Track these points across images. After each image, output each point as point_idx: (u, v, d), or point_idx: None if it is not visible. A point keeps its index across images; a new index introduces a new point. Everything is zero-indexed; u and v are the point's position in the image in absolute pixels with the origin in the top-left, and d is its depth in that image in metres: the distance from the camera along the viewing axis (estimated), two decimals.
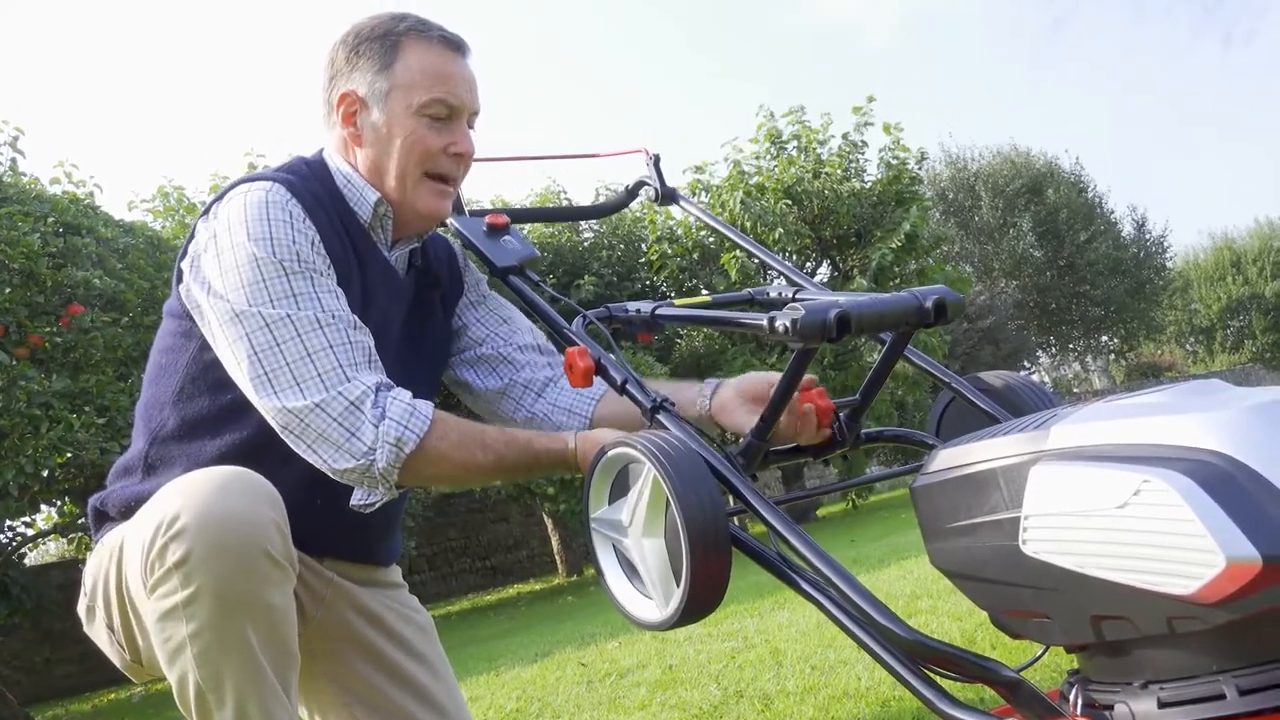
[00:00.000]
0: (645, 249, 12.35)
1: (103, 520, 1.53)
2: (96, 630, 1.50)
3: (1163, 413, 0.92)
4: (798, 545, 1.14)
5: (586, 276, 11.14)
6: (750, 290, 1.70)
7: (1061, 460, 0.93)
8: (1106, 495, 0.87)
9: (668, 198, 1.93)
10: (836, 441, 1.47)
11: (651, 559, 1.22)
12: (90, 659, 9.00)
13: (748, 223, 11.33)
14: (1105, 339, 28.88)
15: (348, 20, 1.58)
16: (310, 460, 1.36)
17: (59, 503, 7.78)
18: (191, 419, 1.49)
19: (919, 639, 1.03)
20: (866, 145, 12.45)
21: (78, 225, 6.97)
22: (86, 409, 6.29)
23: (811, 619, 3.63)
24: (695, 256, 12.28)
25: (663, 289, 12.39)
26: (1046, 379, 28.87)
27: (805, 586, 1.16)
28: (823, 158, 12.31)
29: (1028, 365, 23.52)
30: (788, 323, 1.15)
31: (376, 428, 1.34)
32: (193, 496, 1.25)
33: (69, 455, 6.23)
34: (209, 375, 1.47)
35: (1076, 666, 1.02)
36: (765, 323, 1.19)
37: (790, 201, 11.72)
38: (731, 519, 1.19)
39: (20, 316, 6.31)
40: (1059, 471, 0.92)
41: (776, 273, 1.76)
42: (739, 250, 10.82)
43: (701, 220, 1.94)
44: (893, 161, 12.39)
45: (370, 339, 1.43)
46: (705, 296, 1.72)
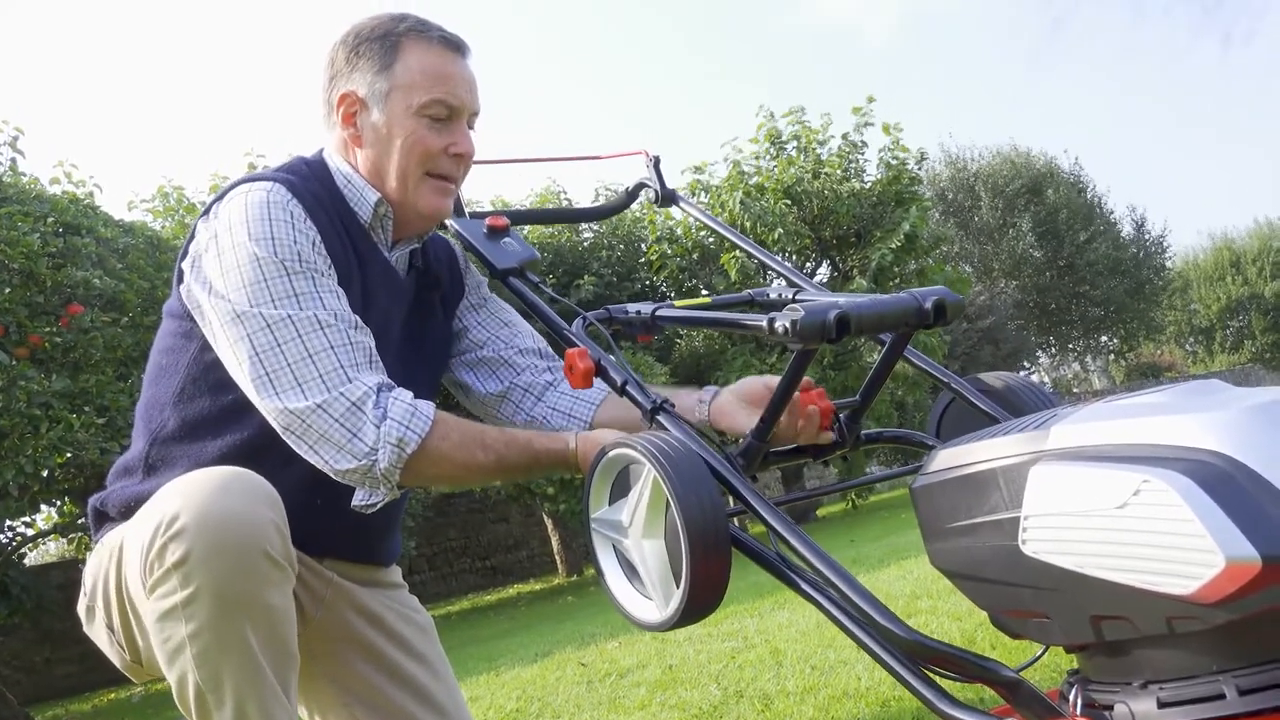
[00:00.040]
0: (645, 249, 12.35)
1: (103, 520, 1.53)
2: (96, 630, 1.50)
3: (1162, 413, 0.92)
4: (797, 546, 1.14)
5: (586, 276, 11.14)
6: (750, 291, 1.70)
7: (1061, 460, 0.93)
8: (1106, 495, 0.87)
9: (668, 199, 1.93)
10: (836, 442, 1.47)
11: (651, 560, 1.22)
12: (90, 659, 9.00)
13: (747, 223, 11.33)
14: (1105, 339, 28.89)
15: (348, 20, 1.58)
16: (312, 461, 1.37)
17: (59, 503, 7.79)
18: (192, 419, 1.49)
19: (919, 639, 1.03)
20: (866, 145, 12.45)
21: (78, 225, 6.97)
22: (86, 409, 6.30)
23: (811, 619, 3.63)
24: (695, 256, 12.28)
25: (663, 289, 12.39)
26: (1046, 379, 28.87)
27: (805, 587, 1.16)
28: (822, 158, 12.31)
29: (1027, 365, 23.52)
30: (787, 324, 1.15)
31: (378, 428, 1.34)
32: (192, 497, 1.25)
33: (69, 455, 6.23)
34: (210, 376, 1.47)
35: (1076, 666, 1.02)
36: (765, 324, 1.19)
37: (790, 202, 11.71)
38: (731, 520, 1.19)
39: (20, 316, 6.31)
40: (1059, 471, 0.92)
41: (776, 273, 1.76)
42: (739, 251, 10.82)
43: (701, 221, 1.95)
44: (892, 162, 12.38)
45: (371, 339, 1.43)
46: (705, 298, 1.72)
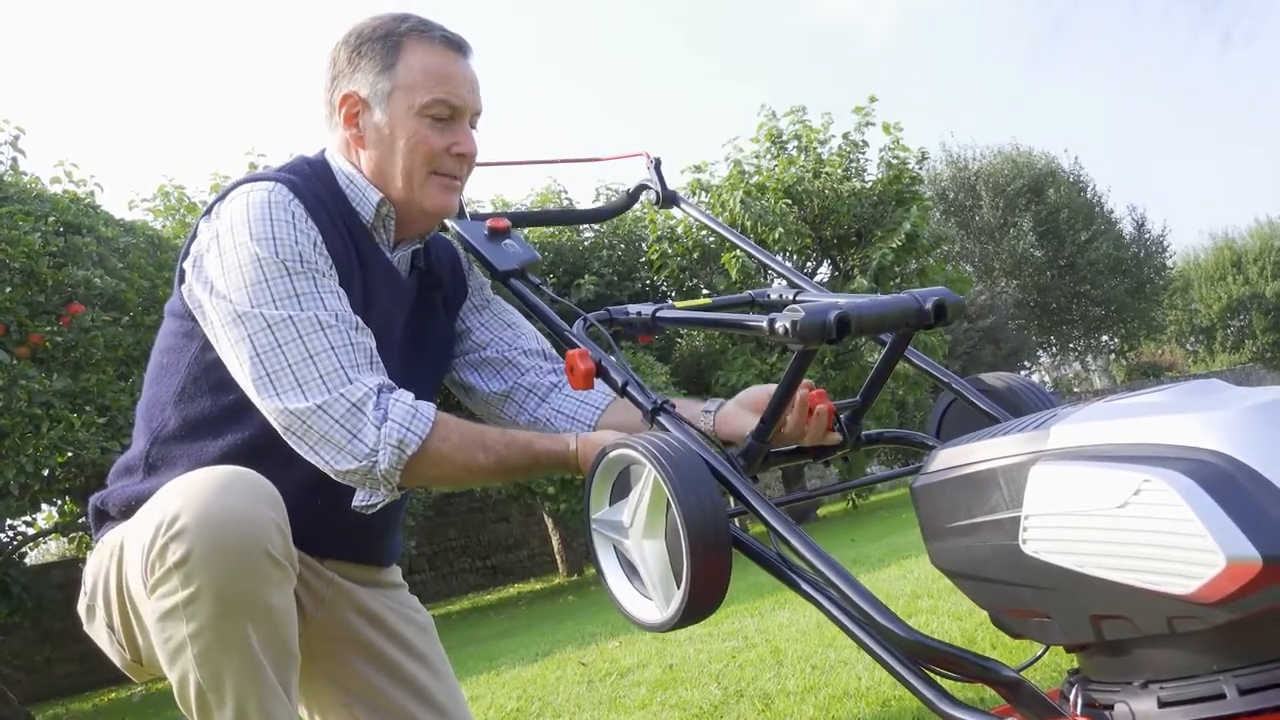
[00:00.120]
0: (645, 249, 12.34)
1: (103, 519, 1.53)
2: (96, 629, 1.50)
3: (1163, 412, 0.92)
4: (798, 546, 1.14)
5: (587, 276, 11.14)
6: (751, 292, 1.70)
7: (1062, 460, 0.93)
8: (1106, 495, 0.87)
9: (669, 200, 1.93)
10: (837, 443, 1.47)
11: (652, 560, 1.22)
12: (90, 658, 9.00)
13: (748, 222, 11.32)
14: (1105, 339, 28.89)
15: (349, 21, 1.58)
16: (312, 461, 1.37)
17: (59, 502, 7.78)
18: (193, 419, 1.49)
19: (919, 639, 1.03)
20: (867, 145, 12.44)
21: (78, 224, 6.96)
22: (87, 408, 6.29)
23: (812, 619, 3.63)
24: (695, 256, 12.27)
25: (663, 289, 12.38)
26: (1047, 379, 28.86)
27: (805, 587, 1.16)
28: (823, 157, 12.30)
29: (1028, 365, 23.50)
30: (788, 324, 1.15)
31: (379, 429, 1.34)
32: (193, 496, 1.25)
33: (69, 454, 6.23)
34: (211, 375, 1.47)
35: (1076, 666, 1.02)
36: (765, 324, 1.19)
37: (790, 201, 11.71)
38: (732, 520, 1.20)
39: (21, 316, 6.31)
40: (1059, 471, 0.92)
41: (776, 274, 1.76)
42: (739, 250, 10.81)
43: (702, 222, 1.95)
44: (893, 161, 12.37)
45: (372, 340, 1.43)
46: (705, 298, 1.72)
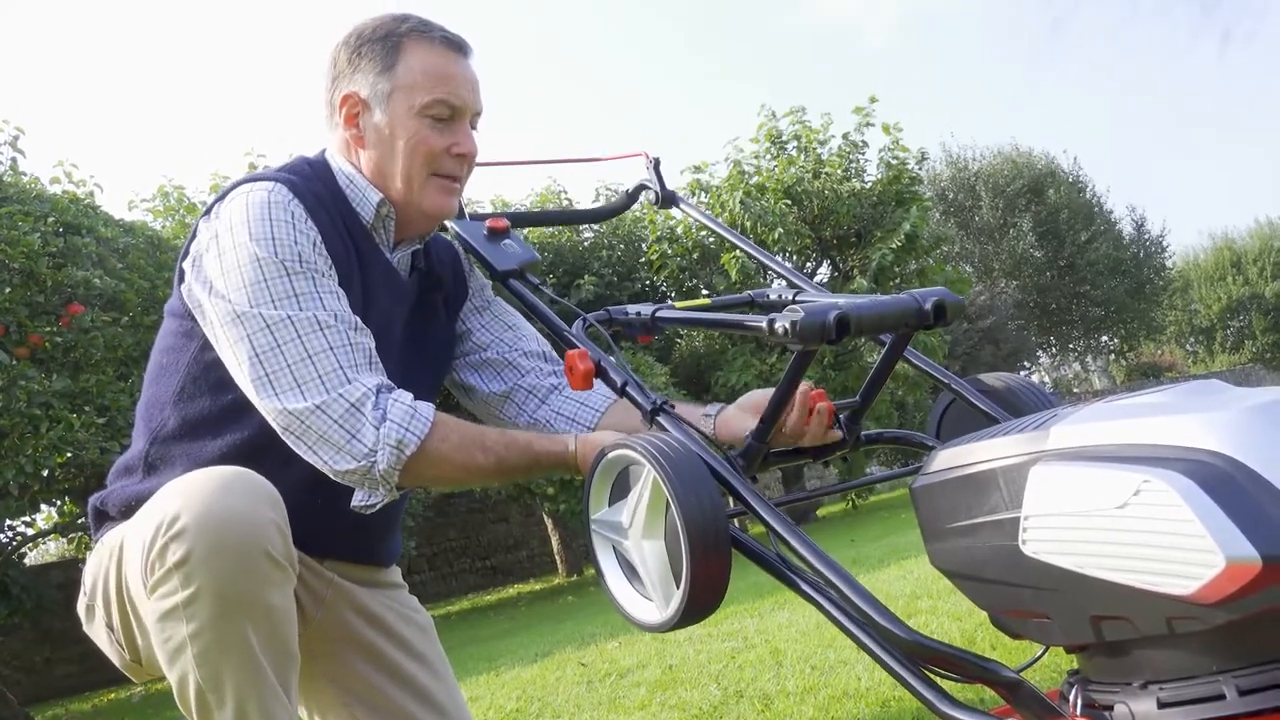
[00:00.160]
0: (645, 249, 12.34)
1: (103, 519, 1.53)
2: (96, 629, 1.50)
3: (1163, 413, 0.92)
4: (797, 546, 1.14)
5: (586, 276, 11.14)
6: (750, 292, 1.70)
7: (1061, 460, 0.93)
8: (1106, 495, 0.87)
9: (668, 200, 1.93)
10: (837, 443, 1.47)
11: (651, 561, 1.22)
12: (90, 659, 9.00)
13: (747, 222, 11.32)
14: (1105, 339, 28.89)
15: (349, 21, 1.58)
16: (311, 461, 1.37)
17: (59, 502, 7.78)
18: (192, 419, 1.49)
19: (919, 639, 1.03)
20: (867, 145, 12.44)
21: (78, 225, 6.96)
22: (86, 409, 6.29)
23: (811, 619, 3.63)
24: (695, 256, 12.27)
25: (663, 289, 12.38)
26: (1046, 379, 28.86)
27: (805, 587, 1.16)
28: (823, 158, 12.30)
29: (1027, 365, 23.51)
30: (787, 325, 1.15)
31: (377, 430, 1.34)
32: (193, 496, 1.25)
33: (69, 455, 6.23)
34: (210, 375, 1.47)
35: (1076, 667, 1.02)
36: (765, 325, 1.19)
37: (790, 201, 11.71)
38: (732, 520, 1.20)
39: (20, 316, 6.31)
40: (1059, 472, 0.92)
41: (776, 274, 1.76)
42: (739, 251, 10.82)
43: (702, 222, 1.95)
44: (893, 162, 12.38)
45: (371, 340, 1.43)
46: (705, 299, 1.72)
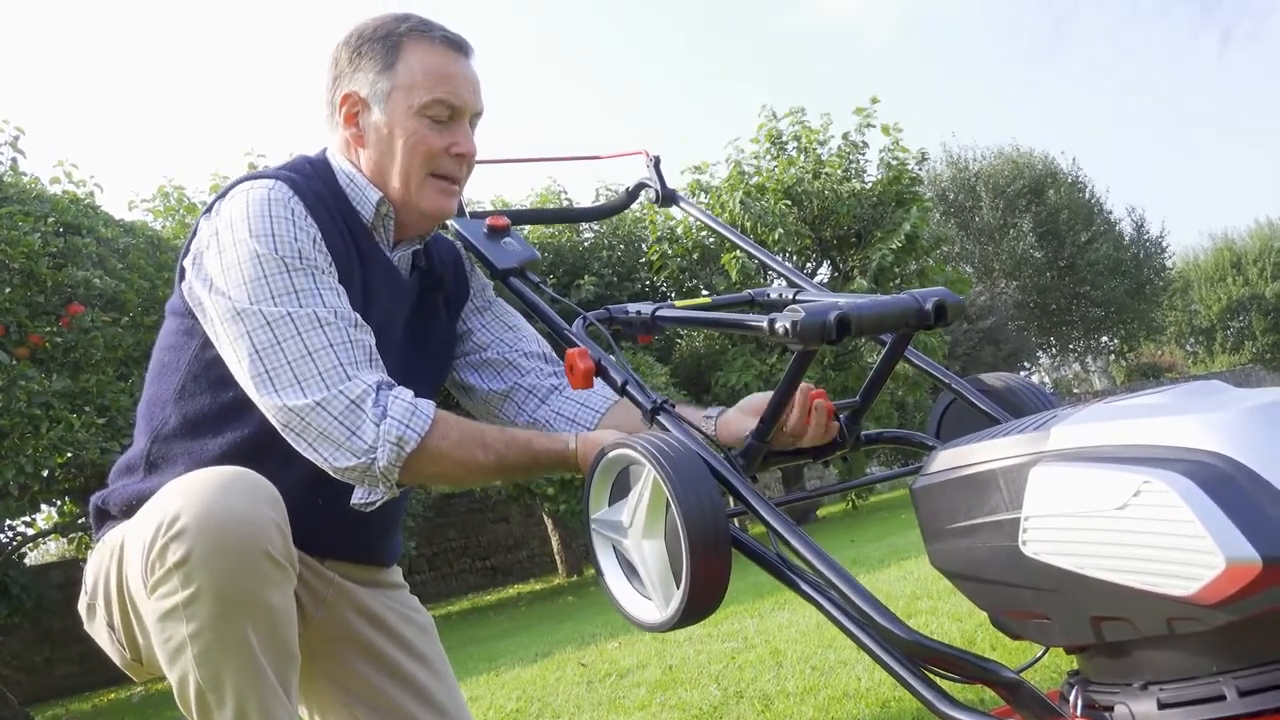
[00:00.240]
0: (645, 249, 12.34)
1: (104, 518, 1.53)
2: (97, 628, 1.50)
3: (1163, 414, 0.92)
4: (798, 546, 1.14)
5: (586, 277, 11.14)
6: (750, 291, 1.70)
7: (1061, 461, 0.93)
8: (1106, 496, 0.87)
9: (668, 199, 1.93)
10: (837, 443, 1.47)
11: (651, 560, 1.22)
12: (90, 659, 9.00)
13: (747, 223, 11.32)
14: (1105, 340, 28.89)
15: (351, 21, 1.58)
16: (311, 459, 1.37)
17: (59, 502, 7.78)
18: (193, 417, 1.49)
19: (919, 640, 1.03)
20: (867, 146, 12.44)
21: (78, 225, 6.97)
22: (87, 409, 6.29)
23: (811, 619, 3.63)
24: (695, 257, 12.27)
25: (663, 289, 12.38)
26: (1047, 380, 28.86)
27: (805, 587, 1.16)
28: (823, 158, 12.30)
29: (1028, 366, 23.51)
30: (788, 324, 1.15)
31: (378, 426, 1.34)
32: (193, 496, 1.25)
33: (69, 455, 6.22)
34: (211, 373, 1.47)
35: (1076, 667, 1.02)
36: (765, 325, 1.19)
37: (790, 202, 11.70)
38: (732, 520, 1.19)
39: (20, 316, 6.31)
40: (1059, 472, 0.92)
41: (776, 274, 1.76)
42: (739, 251, 10.82)
43: (702, 221, 1.95)
44: (893, 162, 12.38)
45: (371, 338, 1.43)
46: (705, 298, 1.72)
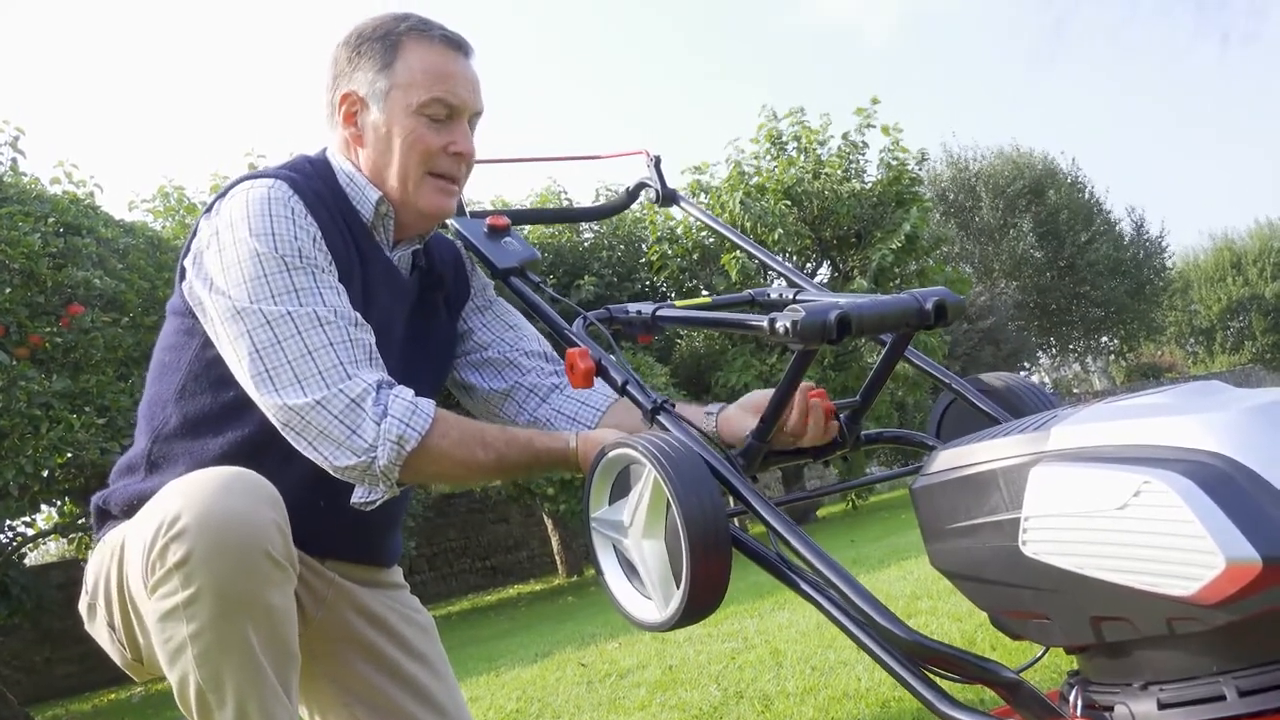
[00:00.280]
0: (645, 249, 12.34)
1: (105, 518, 1.53)
2: (97, 628, 1.50)
3: (1163, 414, 0.92)
4: (798, 546, 1.14)
5: (586, 277, 11.14)
6: (751, 291, 1.70)
7: (1061, 461, 0.93)
8: (1106, 496, 0.87)
9: (668, 199, 1.93)
10: (837, 443, 1.47)
11: (651, 560, 1.22)
12: (90, 659, 9.00)
13: (747, 223, 11.32)
14: (1105, 340, 28.89)
15: (351, 20, 1.58)
16: (311, 458, 1.37)
17: (59, 503, 7.78)
18: (194, 416, 1.49)
19: (919, 640, 1.03)
20: (867, 146, 12.44)
21: (78, 225, 6.97)
22: (87, 409, 6.29)
23: (811, 619, 3.63)
24: (695, 257, 12.27)
25: (663, 289, 12.38)
26: (1046, 380, 28.86)
27: (805, 587, 1.16)
28: (822, 158, 12.30)
29: (1027, 366, 23.51)
30: (788, 324, 1.15)
31: (378, 425, 1.34)
32: (194, 497, 1.25)
33: (69, 455, 6.22)
34: (211, 372, 1.47)
35: (1076, 668, 1.02)
36: (766, 324, 1.19)
37: (790, 202, 11.71)
38: (732, 520, 1.19)
39: (20, 316, 6.31)
40: (1059, 472, 0.92)
41: (777, 274, 1.76)
42: (739, 251, 10.82)
43: (702, 221, 1.95)
44: (892, 162, 12.38)
45: (372, 336, 1.43)
46: (706, 298, 1.72)
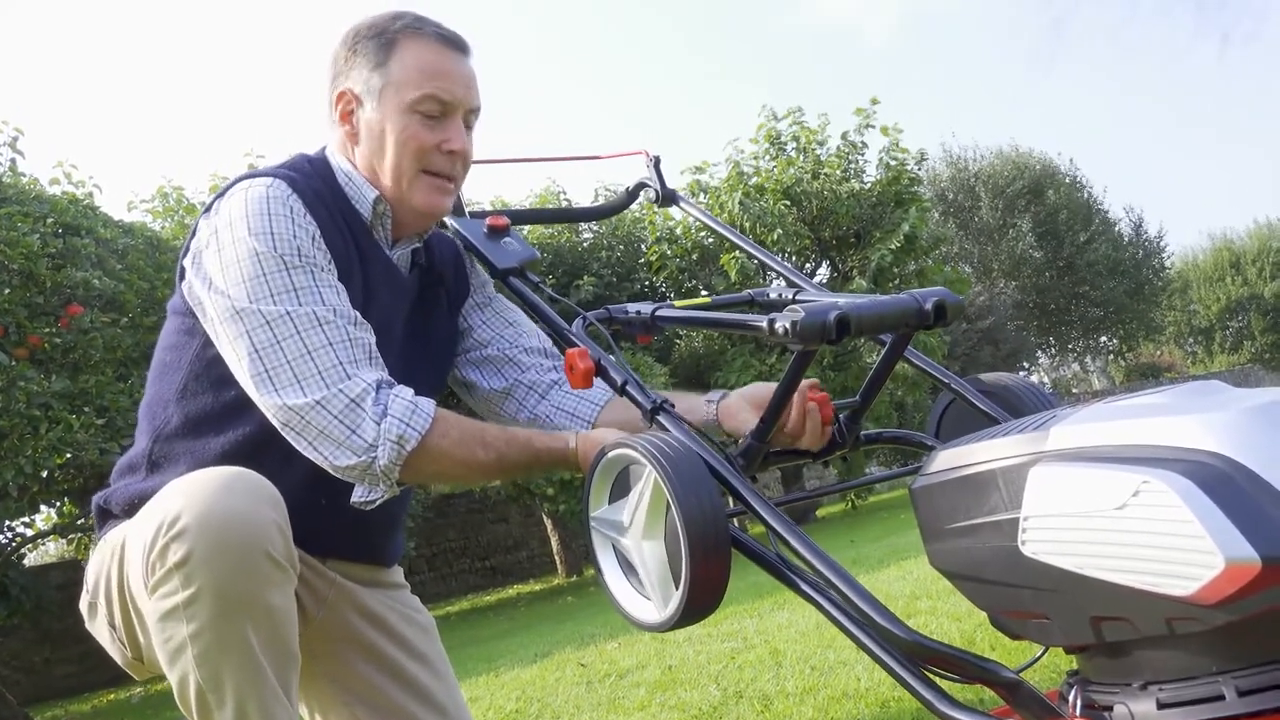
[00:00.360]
0: (645, 249, 12.34)
1: (106, 518, 1.53)
2: (98, 627, 1.50)
3: (1162, 414, 0.92)
4: (797, 546, 1.14)
5: (586, 277, 11.14)
6: (750, 291, 1.70)
7: (1061, 461, 0.93)
8: (1106, 496, 0.87)
9: (668, 199, 1.93)
10: (836, 443, 1.47)
11: (651, 560, 1.22)
12: (90, 659, 9.01)
13: (747, 223, 11.33)
14: (1104, 339, 28.91)
15: (350, 20, 1.58)
16: (312, 457, 1.37)
17: (58, 503, 7.79)
18: (194, 416, 1.49)
19: (918, 640, 1.03)
20: (866, 146, 12.45)
21: (77, 226, 6.97)
22: (86, 410, 6.29)
23: (811, 619, 3.63)
24: (695, 257, 12.27)
25: (662, 289, 12.38)
26: (1046, 380, 28.86)
27: (805, 587, 1.16)
28: (821, 158, 12.30)
29: (1027, 366, 23.52)
30: (788, 324, 1.15)
31: (378, 425, 1.34)
32: (194, 497, 1.25)
33: (68, 456, 6.23)
34: (211, 372, 1.47)
35: (1076, 667, 1.02)
36: (765, 325, 1.19)
37: (789, 202, 11.71)
38: (731, 520, 1.19)
39: (20, 317, 6.31)
40: (1058, 472, 0.92)
41: (776, 274, 1.76)
42: (738, 251, 10.82)
43: (701, 221, 1.95)
44: (892, 163, 12.38)
45: (371, 336, 1.43)
46: (705, 298, 1.72)
